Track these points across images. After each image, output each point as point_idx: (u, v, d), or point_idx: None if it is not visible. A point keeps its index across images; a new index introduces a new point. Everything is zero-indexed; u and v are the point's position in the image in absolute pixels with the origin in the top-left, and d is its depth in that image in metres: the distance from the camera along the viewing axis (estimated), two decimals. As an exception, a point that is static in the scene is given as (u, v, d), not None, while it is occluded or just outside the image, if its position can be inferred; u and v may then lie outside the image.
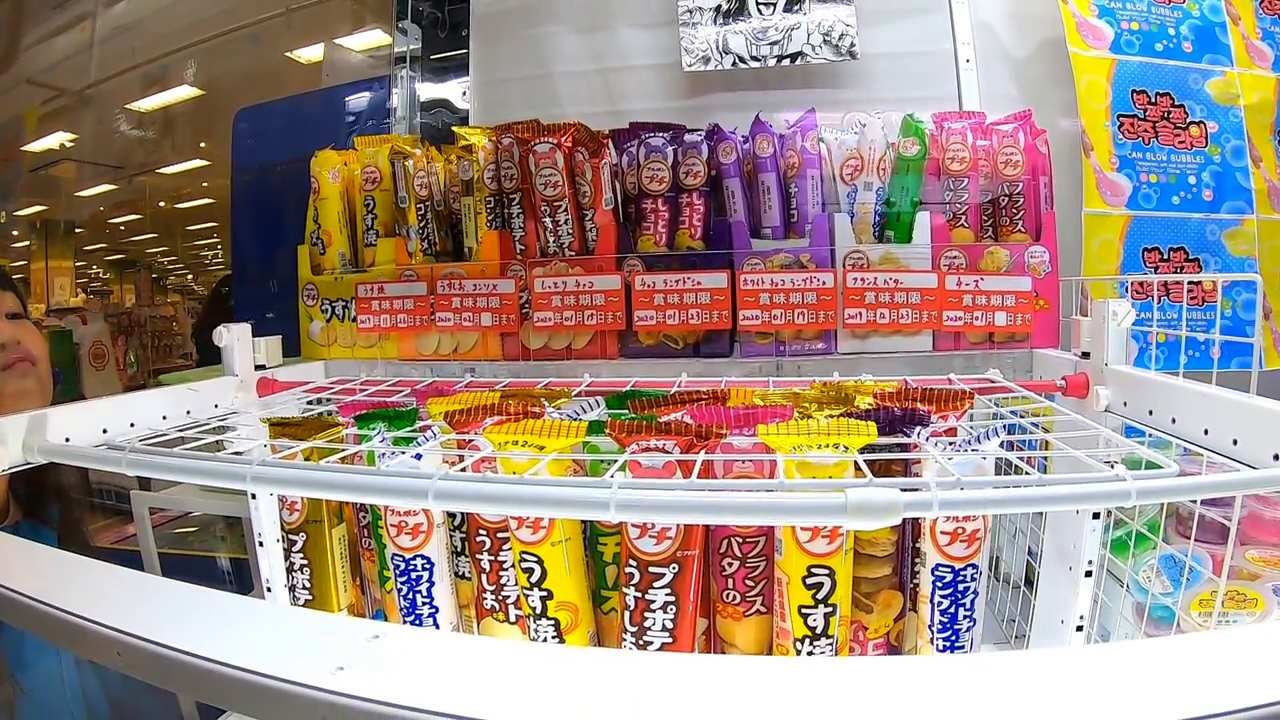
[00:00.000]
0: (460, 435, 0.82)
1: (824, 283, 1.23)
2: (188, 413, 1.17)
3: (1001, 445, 0.75)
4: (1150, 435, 0.90)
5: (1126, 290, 1.52)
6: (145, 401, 1.13)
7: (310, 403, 1.23)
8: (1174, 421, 0.87)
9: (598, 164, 1.30)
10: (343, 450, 0.82)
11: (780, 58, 1.54)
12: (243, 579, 2.33)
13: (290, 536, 1.00)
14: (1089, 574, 0.89)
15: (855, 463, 0.69)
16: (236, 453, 1.00)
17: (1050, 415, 0.92)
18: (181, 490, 2.15)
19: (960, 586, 0.78)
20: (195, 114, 3.90)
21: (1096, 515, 0.89)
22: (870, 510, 0.55)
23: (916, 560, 0.85)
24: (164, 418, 1.13)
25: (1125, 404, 0.97)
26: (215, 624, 0.55)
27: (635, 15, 1.71)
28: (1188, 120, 1.63)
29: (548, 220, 1.31)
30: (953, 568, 0.78)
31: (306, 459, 0.82)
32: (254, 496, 1.23)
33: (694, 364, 1.28)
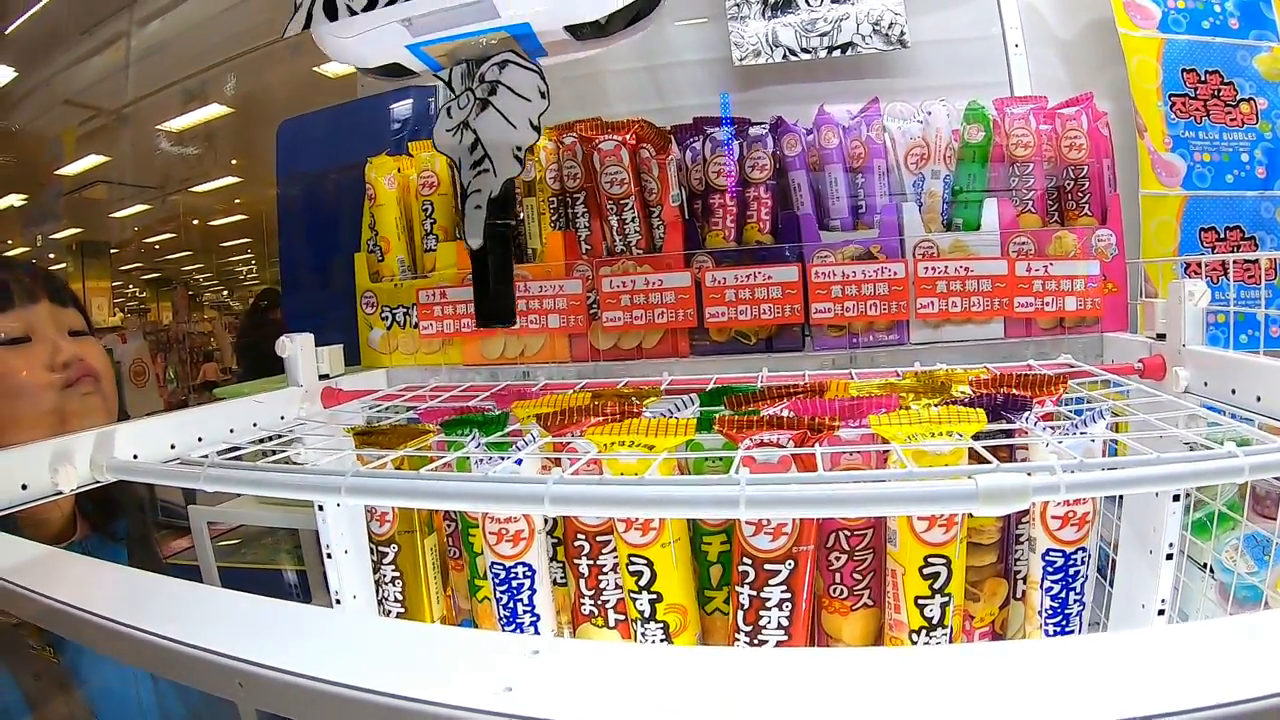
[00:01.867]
0: (557, 439, 0.82)
1: (895, 273, 1.23)
2: (254, 425, 1.16)
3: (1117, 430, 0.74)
4: (1231, 414, 0.88)
5: (1185, 271, 1.50)
6: (211, 415, 1.13)
7: (377, 410, 1.23)
8: (1259, 400, 0.86)
9: (664, 160, 1.30)
10: (432, 457, 0.81)
11: (831, 49, 1.53)
12: (303, 592, 2.34)
13: (381, 549, 1.00)
14: (1170, 557, 0.89)
15: (970, 449, 0.69)
16: (296, 462, 1.00)
17: (1128, 399, 0.91)
18: (238, 504, 2.16)
19: (1071, 571, 0.78)
20: (227, 131, 3.92)
21: (1177, 498, 0.88)
22: (1001, 495, 0.54)
23: (1019, 547, 0.85)
24: (231, 430, 1.12)
25: (1205, 384, 0.95)
26: (356, 649, 0.53)
27: (682, 11, 1.70)
28: (1238, 97, 1.60)
29: (614, 219, 1.31)
30: (1064, 552, 0.77)
31: (396, 468, 0.82)
32: (321, 509, 1.24)
33: (768, 359, 1.27)
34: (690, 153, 1.34)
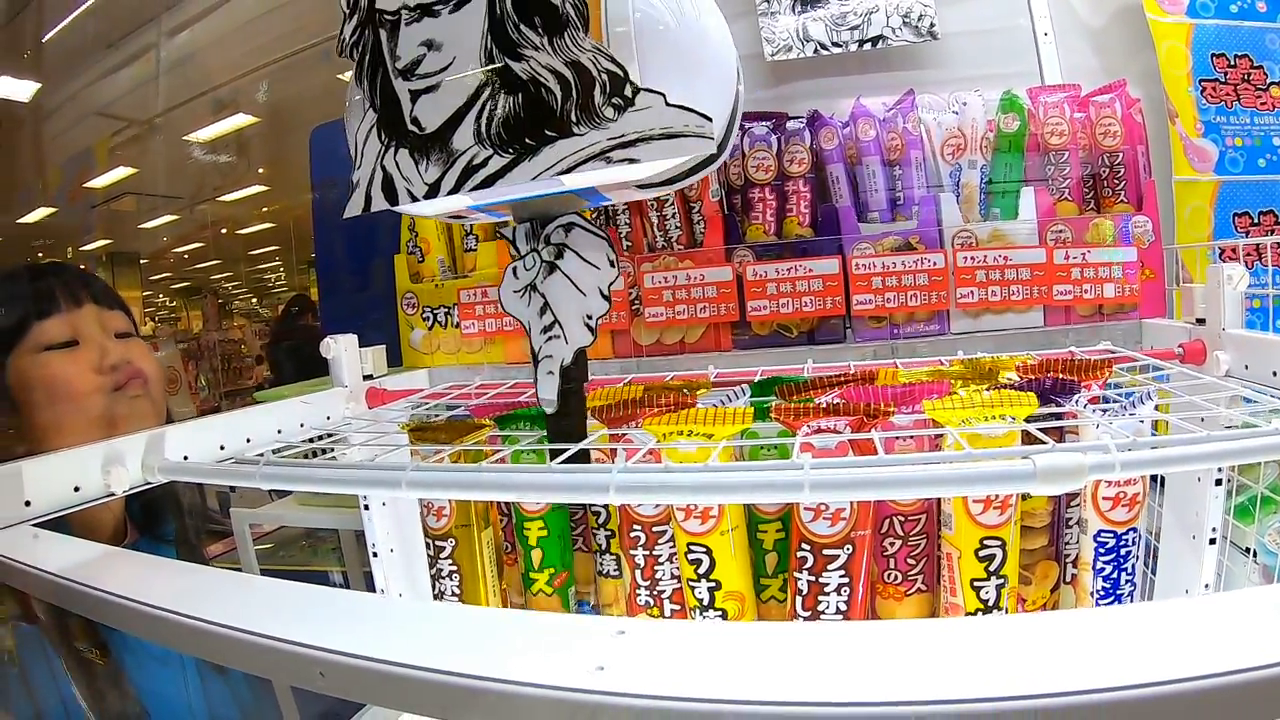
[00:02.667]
0: (613, 430, 0.83)
1: (935, 263, 1.24)
2: (301, 425, 1.19)
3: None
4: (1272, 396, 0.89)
5: (1220, 257, 1.51)
6: (259, 417, 1.15)
7: (424, 408, 1.25)
8: None
9: None
10: (488, 451, 0.83)
11: (861, 42, 1.54)
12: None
13: (438, 543, 1.02)
14: (1212, 541, 0.91)
15: (1024, 432, 0.70)
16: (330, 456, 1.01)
17: (1170, 383, 0.92)
18: (279, 505, 2.19)
19: (1123, 551, 0.79)
20: (255, 140, 3.96)
21: (1219, 481, 0.90)
22: (1058, 474, 0.55)
23: (1069, 530, 0.86)
24: (279, 431, 1.15)
25: (1246, 367, 0.96)
26: (444, 635, 0.54)
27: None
28: (1268, 81, 1.60)
29: (654, 215, 1.33)
30: (1115, 533, 0.79)
31: (452, 463, 0.84)
32: (367, 508, 1.27)
33: (810, 351, 1.28)
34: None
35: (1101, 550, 0.79)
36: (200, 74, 3.66)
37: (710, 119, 0.58)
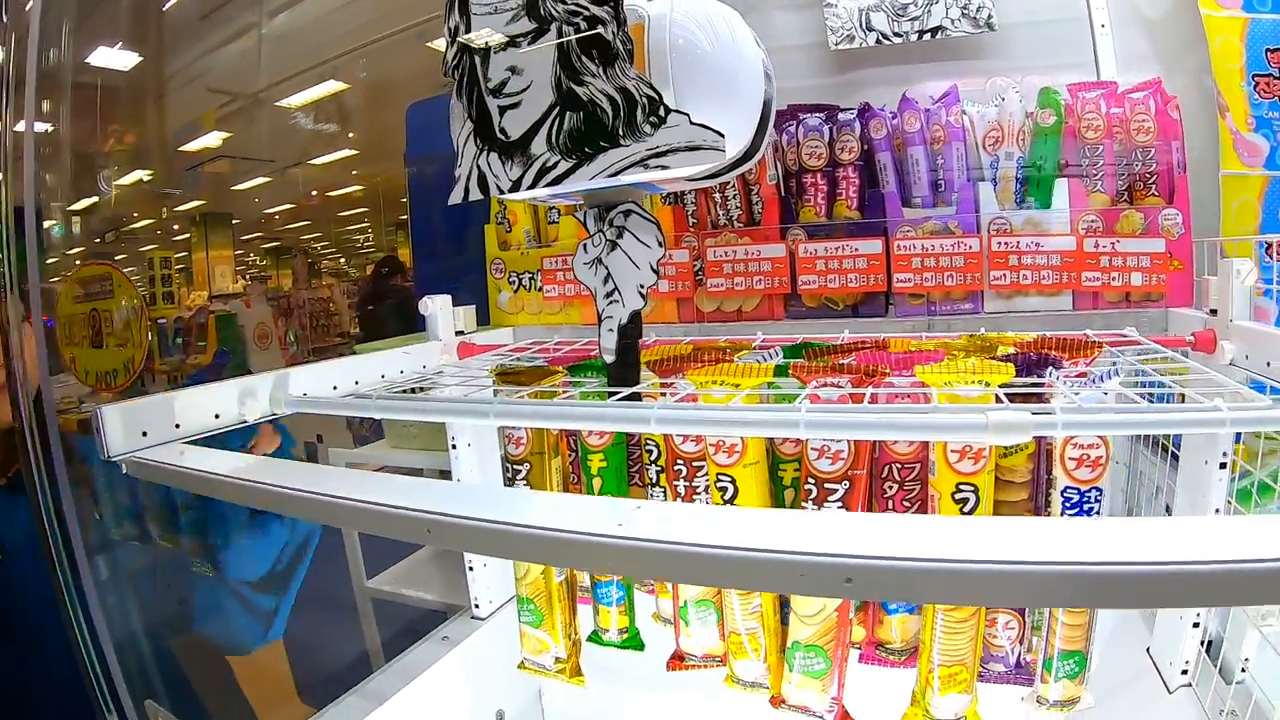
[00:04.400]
0: (663, 380, 1.00)
1: (970, 247, 1.34)
2: (401, 372, 1.36)
3: (1136, 386, 0.87)
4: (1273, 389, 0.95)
5: (1267, 251, 1.55)
6: (364, 364, 1.33)
7: (508, 360, 1.40)
8: None
9: None
10: (559, 392, 1.00)
11: (921, 33, 1.62)
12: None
13: (515, 466, 1.19)
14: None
15: (996, 395, 0.84)
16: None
17: (1183, 373, 0.98)
18: (374, 447, 2.42)
19: (1085, 507, 0.91)
20: (348, 110, 4.11)
21: (1223, 465, 1.00)
22: (1007, 427, 0.69)
23: (1049, 490, 0.98)
24: (382, 376, 1.32)
25: (1246, 357, 1.03)
26: (514, 505, 0.73)
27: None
28: (1322, 78, 1.62)
29: (717, 195, 1.47)
30: (1079, 489, 0.91)
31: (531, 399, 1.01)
32: (454, 447, 1.45)
33: (853, 323, 1.40)
34: (785, 136, 1.47)
35: (1067, 504, 0.92)
36: (299, 49, 3.83)
37: (723, 134, 0.74)
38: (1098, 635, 1.08)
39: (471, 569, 1.54)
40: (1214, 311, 1.13)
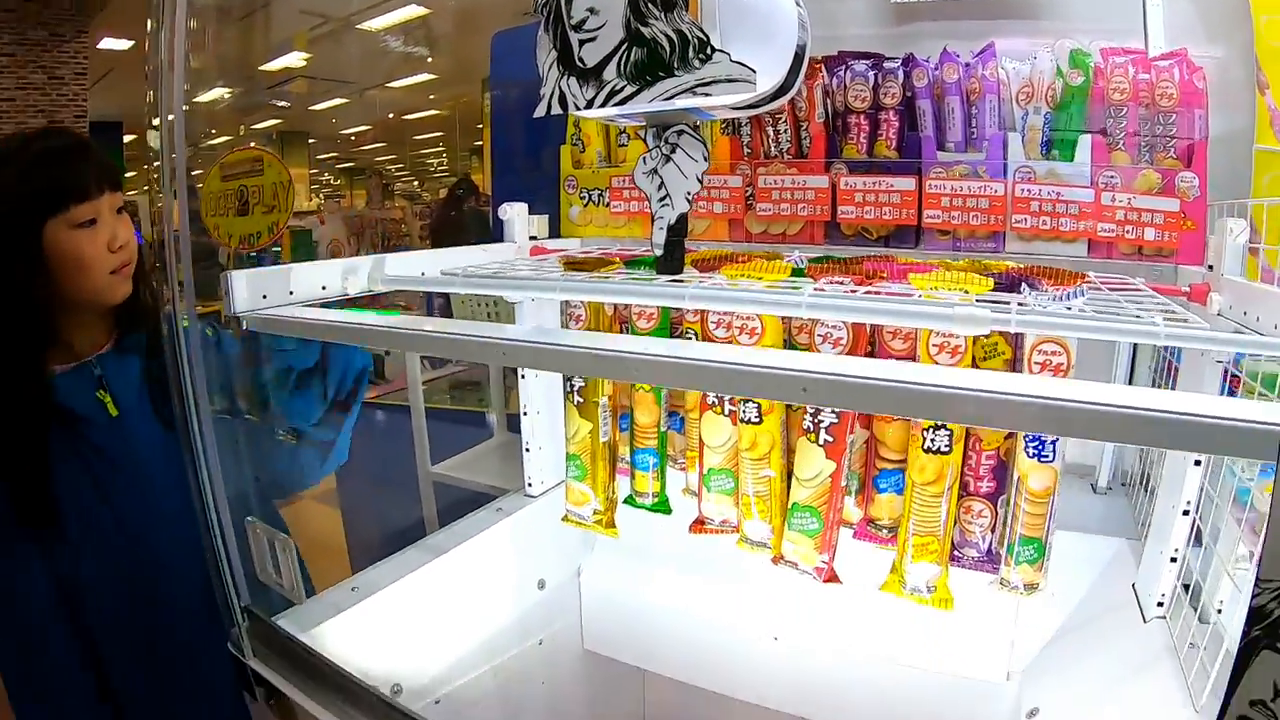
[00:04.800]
0: (703, 275, 1.18)
1: (996, 191, 1.45)
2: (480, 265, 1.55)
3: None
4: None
5: None
6: (450, 256, 1.52)
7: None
8: (1277, 327, 0.98)
9: (811, 84, 1.58)
10: (616, 278, 1.19)
11: (980, -12, 1.74)
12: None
13: (574, 337, 1.40)
14: (1186, 512, 1.13)
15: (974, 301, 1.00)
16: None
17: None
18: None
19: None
20: (429, 35, 4.22)
21: (1197, 462, 1.12)
22: (968, 320, 0.86)
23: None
24: (466, 267, 1.51)
25: (1231, 308, 1.09)
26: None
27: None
28: (1369, 59, 1.66)
29: (770, 129, 1.62)
30: (1044, 394, 1.07)
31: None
32: (523, 377, 1.67)
33: (884, 252, 1.52)
34: (835, 79, 1.60)
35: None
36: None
37: (755, 70, 0.92)
38: (1089, 567, 1.28)
39: (528, 450, 1.75)
40: (1211, 267, 1.22)
